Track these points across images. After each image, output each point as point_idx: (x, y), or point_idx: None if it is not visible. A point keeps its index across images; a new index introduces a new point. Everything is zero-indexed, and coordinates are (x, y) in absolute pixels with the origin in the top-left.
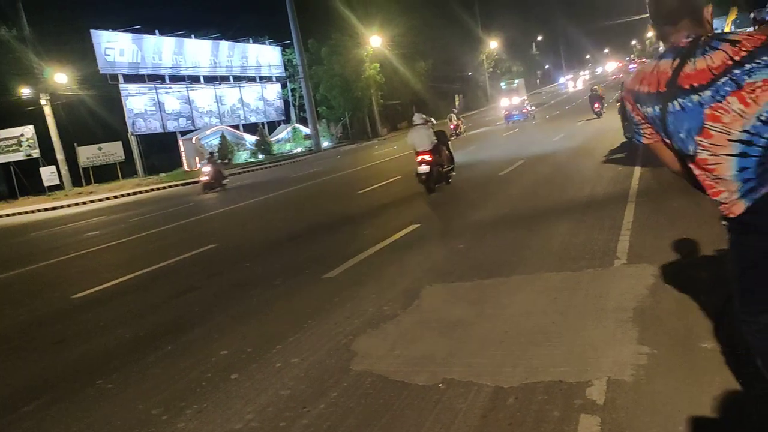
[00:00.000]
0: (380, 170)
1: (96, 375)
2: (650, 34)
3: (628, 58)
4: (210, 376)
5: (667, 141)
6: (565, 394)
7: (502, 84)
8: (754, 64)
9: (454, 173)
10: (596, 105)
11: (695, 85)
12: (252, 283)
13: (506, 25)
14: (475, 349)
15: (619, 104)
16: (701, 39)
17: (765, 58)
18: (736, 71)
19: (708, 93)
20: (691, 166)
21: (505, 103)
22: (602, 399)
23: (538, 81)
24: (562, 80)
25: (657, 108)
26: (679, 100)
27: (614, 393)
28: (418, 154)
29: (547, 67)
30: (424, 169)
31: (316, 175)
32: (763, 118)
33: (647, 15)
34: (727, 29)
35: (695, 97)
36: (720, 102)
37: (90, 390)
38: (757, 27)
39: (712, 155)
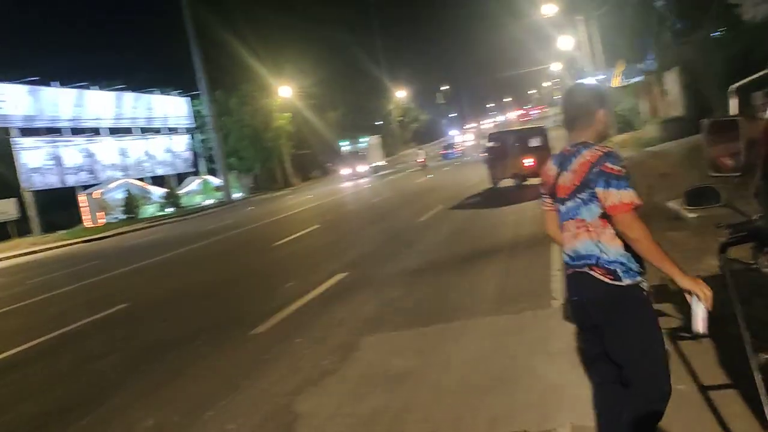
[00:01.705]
0: (295, 220)
1: None
2: (547, 83)
3: (527, 106)
4: None
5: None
6: None
7: (343, 144)
8: (578, 200)
9: None
10: None
11: (563, 197)
12: (171, 344)
13: (413, 76)
14: (430, 401)
15: (485, 155)
16: (570, 151)
17: (583, 194)
18: (572, 202)
19: (565, 207)
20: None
21: (346, 172)
22: None
23: (445, 129)
24: (452, 133)
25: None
26: (557, 204)
27: None
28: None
29: (453, 115)
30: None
31: (228, 228)
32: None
33: (544, 66)
34: (615, 81)
35: (562, 207)
36: (567, 220)
37: None
38: (645, 76)
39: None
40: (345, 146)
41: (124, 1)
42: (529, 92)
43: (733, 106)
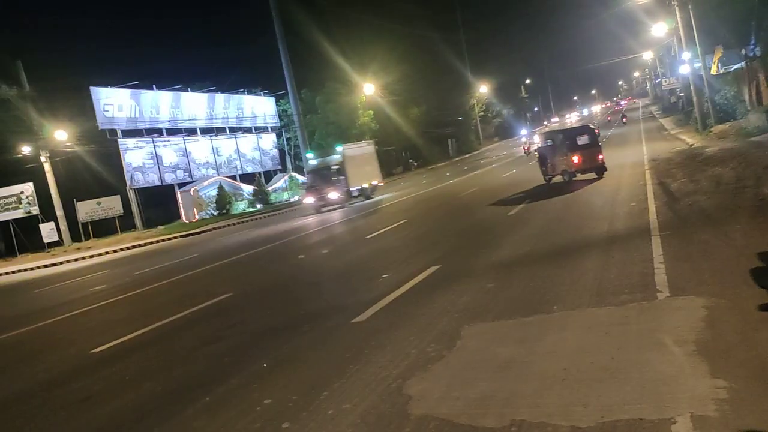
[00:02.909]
0: (384, 215)
1: None
2: (636, 74)
3: (615, 98)
4: (259, 426)
5: None
6: None
7: (308, 156)
8: None
9: None
10: None
11: None
12: (278, 330)
13: (496, 70)
14: (538, 389)
15: (537, 155)
16: None
17: None
18: None
19: None
20: None
21: (309, 200)
22: None
23: (527, 123)
24: (523, 132)
25: None
26: None
27: (703, 430)
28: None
29: (536, 109)
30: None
31: (317, 223)
32: None
33: (634, 56)
34: (714, 68)
35: None
36: None
37: None
38: (747, 63)
39: None
40: (311, 160)
41: (214, 6)
42: (617, 83)
43: None
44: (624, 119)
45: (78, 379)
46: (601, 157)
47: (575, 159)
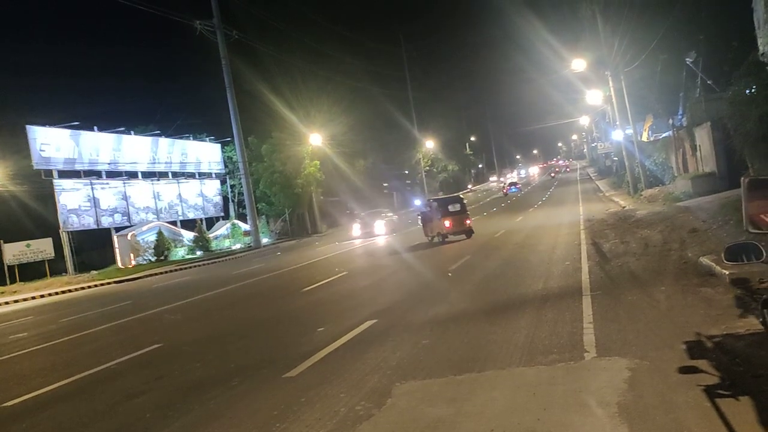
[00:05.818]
0: (323, 267)
1: None
2: (575, 137)
3: (555, 158)
4: None
5: None
6: None
7: None
8: None
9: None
10: None
11: None
12: (207, 384)
13: (441, 126)
14: None
15: (420, 216)
16: None
17: None
18: None
19: None
20: None
21: None
22: None
23: (471, 179)
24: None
25: None
26: None
27: None
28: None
29: (480, 166)
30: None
31: (257, 273)
32: None
33: (572, 120)
34: (644, 136)
35: None
36: None
37: None
38: (675, 132)
39: None
40: None
41: (161, 51)
42: (557, 145)
43: None
44: (567, 169)
45: None
46: (468, 222)
47: (447, 223)
